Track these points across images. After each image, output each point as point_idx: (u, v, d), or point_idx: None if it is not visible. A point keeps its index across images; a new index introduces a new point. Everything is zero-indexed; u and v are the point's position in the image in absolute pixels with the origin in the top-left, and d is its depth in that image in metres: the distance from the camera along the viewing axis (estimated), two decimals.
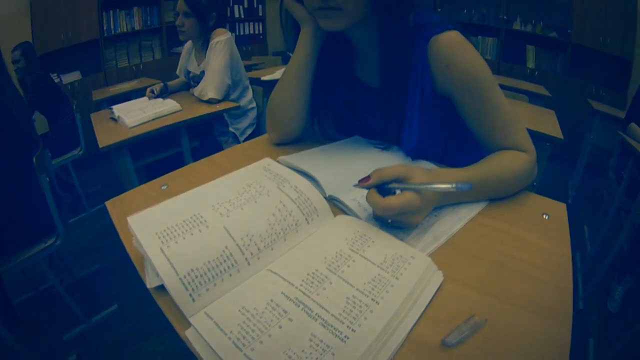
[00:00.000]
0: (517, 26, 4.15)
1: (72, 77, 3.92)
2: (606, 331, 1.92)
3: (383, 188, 0.61)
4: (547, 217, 0.70)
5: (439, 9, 4.50)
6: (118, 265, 2.38)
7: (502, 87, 2.60)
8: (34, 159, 1.52)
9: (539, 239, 0.64)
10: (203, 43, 2.16)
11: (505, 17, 4.13)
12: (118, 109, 2.02)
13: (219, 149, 2.17)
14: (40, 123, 3.05)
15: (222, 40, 2.05)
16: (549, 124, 1.99)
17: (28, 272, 2.09)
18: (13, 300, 2.00)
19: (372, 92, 0.92)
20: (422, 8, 0.83)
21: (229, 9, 5.04)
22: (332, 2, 0.72)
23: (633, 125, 2.24)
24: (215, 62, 2.04)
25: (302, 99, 0.94)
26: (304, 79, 0.92)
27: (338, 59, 0.94)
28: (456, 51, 0.77)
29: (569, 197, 3.28)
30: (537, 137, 1.83)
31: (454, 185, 0.56)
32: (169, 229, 0.55)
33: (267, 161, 0.76)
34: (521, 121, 0.80)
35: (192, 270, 0.50)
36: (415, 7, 0.82)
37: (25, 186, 1.56)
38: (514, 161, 0.75)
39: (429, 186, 0.59)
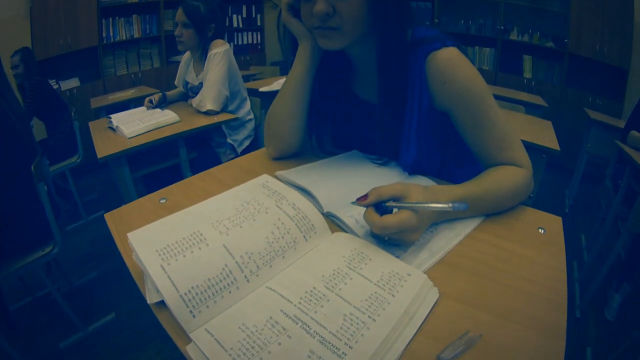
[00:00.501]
0: (514, 36, 4.18)
1: (70, 83, 3.92)
2: (604, 339, 1.92)
3: (380, 206, 0.62)
4: (542, 231, 0.71)
5: (437, 20, 4.53)
6: (115, 274, 2.38)
7: (499, 97, 2.62)
8: (32, 167, 1.53)
9: (535, 253, 0.64)
10: (201, 54, 2.17)
11: (502, 27, 4.16)
12: (116, 119, 2.02)
13: (217, 160, 2.18)
14: (38, 129, 3.06)
15: (220, 51, 2.06)
16: (546, 135, 2.00)
17: (25, 279, 2.09)
18: (10, 306, 2.00)
19: (370, 108, 0.93)
20: (420, 24, 0.84)
21: (227, 18, 5.06)
22: (330, 22, 0.74)
23: (633, 132, 2.26)
24: (214, 73, 2.05)
25: (300, 114, 0.95)
26: (301, 94, 0.93)
27: (336, 74, 0.95)
28: (454, 68, 0.78)
29: (566, 206, 3.29)
30: (533, 149, 1.84)
31: (450, 205, 0.57)
32: (169, 246, 0.56)
33: (265, 178, 0.77)
34: (518, 136, 0.81)
35: (192, 287, 0.51)
36: (414, 23, 0.83)
37: (23, 193, 1.56)
38: (510, 176, 0.76)
39: (426, 205, 0.60)
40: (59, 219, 1.72)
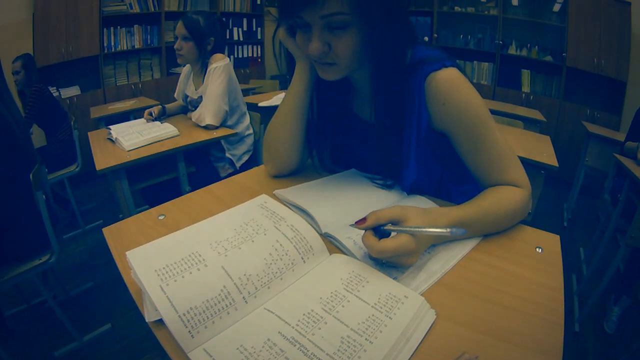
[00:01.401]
0: (512, 51, 4.21)
1: (71, 91, 3.92)
2: (603, 352, 1.92)
3: (379, 229, 0.63)
4: (540, 251, 0.71)
5: (436, 35, 4.56)
6: (112, 284, 2.38)
7: (498, 112, 2.63)
8: (31, 175, 1.53)
9: (532, 273, 0.65)
10: (201, 67, 2.18)
11: (500, 42, 4.20)
12: (116, 131, 2.02)
13: (216, 174, 2.18)
14: (37, 136, 3.06)
15: (220, 65, 2.07)
16: (544, 151, 2.00)
17: (20, 286, 2.08)
18: (4, 313, 2.00)
19: (368, 127, 0.93)
20: (421, 42, 0.84)
21: (228, 31, 5.09)
22: (327, 59, 0.74)
23: (629, 143, 2.28)
24: (213, 88, 2.05)
25: (298, 134, 0.96)
26: (299, 113, 0.93)
27: (336, 93, 0.96)
28: (453, 89, 0.78)
29: (564, 219, 3.29)
30: (532, 166, 1.84)
31: (448, 231, 0.58)
32: (168, 267, 0.56)
33: (263, 198, 0.78)
34: (516, 156, 0.82)
35: (191, 308, 0.51)
36: (414, 43, 0.83)
37: (21, 201, 1.56)
38: (509, 197, 0.77)
39: (424, 230, 0.60)
40: (57, 227, 1.71)
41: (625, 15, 3.49)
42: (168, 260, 0.57)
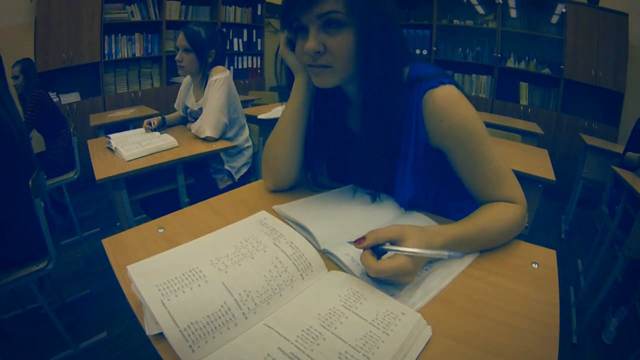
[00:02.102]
0: (510, 64, 4.24)
1: (71, 97, 3.92)
2: None
3: (377, 248, 0.64)
4: (536, 266, 0.72)
5: (434, 48, 4.60)
6: (109, 292, 2.37)
7: (496, 126, 2.64)
8: (30, 182, 1.53)
9: (528, 289, 0.65)
10: (202, 79, 2.18)
11: (499, 55, 4.23)
12: (115, 140, 2.02)
13: (214, 186, 2.19)
14: (36, 142, 3.06)
15: (220, 78, 2.07)
16: (542, 165, 2.01)
17: (16, 290, 2.07)
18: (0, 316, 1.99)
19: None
20: (419, 60, 0.85)
21: (228, 42, 5.11)
22: (322, 60, 0.76)
23: (629, 153, 2.29)
24: (213, 100, 2.06)
25: (297, 148, 0.97)
26: (298, 127, 0.94)
27: (332, 109, 0.97)
28: (450, 106, 0.79)
29: (562, 231, 3.30)
30: (529, 180, 1.85)
31: (446, 254, 0.60)
32: (169, 282, 0.57)
33: (263, 215, 0.79)
34: (512, 173, 0.83)
35: (192, 323, 0.52)
36: (411, 61, 0.84)
37: (19, 208, 1.56)
38: (504, 213, 0.78)
39: (422, 253, 0.61)
40: (54, 234, 1.72)
41: (622, 27, 3.52)
42: (169, 276, 0.58)
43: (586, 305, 2.18)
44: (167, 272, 0.59)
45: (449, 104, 0.79)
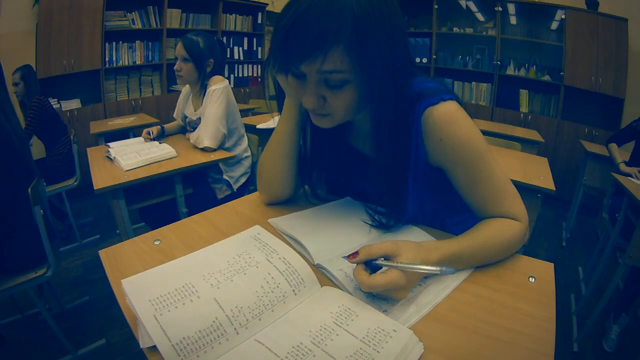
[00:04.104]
0: (510, 71, 4.24)
1: (71, 104, 3.94)
2: None
3: (370, 263, 0.64)
4: (533, 280, 0.71)
5: (434, 56, 4.60)
6: (107, 299, 2.36)
7: (496, 135, 2.63)
8: (29, 190, 1.54)
9: (524, 304, 0.65)
10: (200, 89, 2.19)
11: (499, 62, 4.23)
12: (114, 150, 2.03)
13: (213, 196, 2.19)
14: (36, 149, 3.07)
15: (219, 88, 2.08)
16: (541, 174, 2.00)
17: (15, 296, 2.07)
18: None
19: (364, 160, 0.92)
20: (418, 76, 0.82)
21: (228, 50, 5.13)
22: (322, 110, 0.74)
23: (611, 145, 2.29)
24: (212, 110, 2.06)
25: (289, 166, 0.95)
26: (289, 147, 0.93)
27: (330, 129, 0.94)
28: (450, 124, 0.77)
29: (563, 239, 3.29)
30: (528, 190, 1.85)
31: (439, 269, 0.59)
32: (162, 297, 0.58)
33: (257, 229, 0.79)
34: (514, 188, 0.81)
35: (184, 338, 0.52)
36: (414, 75, 0.81)
37: (18, 215, 1.57)
38: (504, 230, 0.76)
39: (415, 268, 0.61)
40: (53, 241, 1.72)
41: (622, 32, 3.53)
42: (162, 291, 0.59)
43: (587, 313, 2.17)
44: (160, 287, 0.60)
45: (449, 121, 0.77)
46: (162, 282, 0.61)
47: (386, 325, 0.57)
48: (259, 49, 5.57)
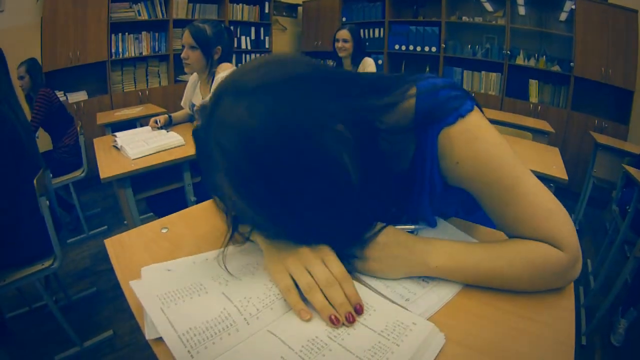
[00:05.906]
0: (520, 61, 4.18)
1: (78, 96, 3.93)
2: None
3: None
4: None
5: (444, 45, 4.53)
6: (114, 291, 2.36)
7: (506, 124, 2.59)
8: (35, 181, 1.53)
9: (544, 293, 0.63)
10: (208, 76, 2.17)
11: (508, 52, 4.16)
12: (121, 139, 2.02)
13: None
14: (43, 141, 3.07)
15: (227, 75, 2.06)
16: (554, 164, 1.97)
17: (22, 289, 2.08)
18: (5, 315, 2.00)
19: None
20: (423, 78, 0.71)
21: (236, 40, 5.09)
22: None
23: None
24: None
25: None
26: None
27: None
28: (467, 144, 0.65)
29: None
30: (540, 179, 1.83)
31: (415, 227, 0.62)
32: (169, 293, 0.57)
33: None
34: (560, 210, 0.64)
35: (190, 328, 0.51)
36: (417, 80, 0.70)
37: (24, 206, 1.57)
38: (538, 251, 0.62)
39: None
40: (60, 233, 1.71)
41: (632, 24, 3.46)
42: (170, 288, 0.58)
43: (595, 306, 2.15)
44: (168, 285, 0.59)
45: (466, 141, 0.65)
46: (170, 282, 0.61)
47: (405, 319, 0.55)
48: (266, 38, 5.53)
